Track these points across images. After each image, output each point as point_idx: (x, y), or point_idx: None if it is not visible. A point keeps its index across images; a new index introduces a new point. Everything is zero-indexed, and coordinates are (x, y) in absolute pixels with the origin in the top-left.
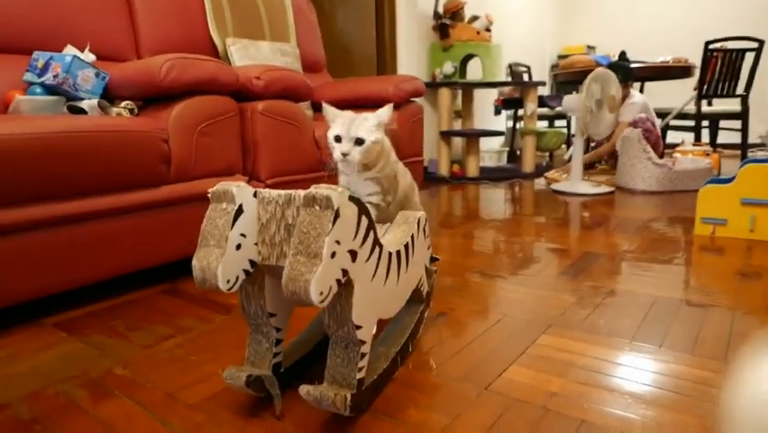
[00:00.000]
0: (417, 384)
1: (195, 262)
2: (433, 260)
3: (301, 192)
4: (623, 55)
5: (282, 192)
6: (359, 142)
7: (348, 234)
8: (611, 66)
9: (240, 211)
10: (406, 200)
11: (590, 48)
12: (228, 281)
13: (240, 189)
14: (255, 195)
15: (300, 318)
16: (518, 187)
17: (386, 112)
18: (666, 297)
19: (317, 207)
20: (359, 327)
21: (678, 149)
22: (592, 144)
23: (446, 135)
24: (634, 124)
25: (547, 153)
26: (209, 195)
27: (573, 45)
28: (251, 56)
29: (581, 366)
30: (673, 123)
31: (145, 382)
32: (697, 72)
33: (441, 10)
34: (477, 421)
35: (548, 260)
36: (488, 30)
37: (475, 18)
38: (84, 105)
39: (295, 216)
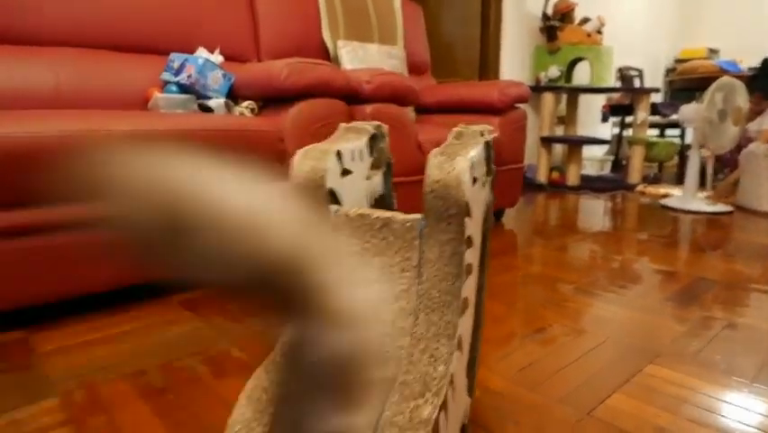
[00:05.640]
0: (516, 400)
1: None
2: None
3: None
4: (767, 63)
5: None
6: None
7: None
8: (755, 78)
9: None
10: None
11: (713, 52)
12: None
13: None
14: None
15: None
16: (622, 199)
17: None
18: None
19: None
20: None
21: None
22: (707, 154)
23: (547, 141)
24: None
25: (656, 165)
26: None
27: (693, 48)
28: (359, 58)
29: (694, 403)
30: None
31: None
32: None
33: (550, 12)
34: None
35: (652, 282)
36: (599, 32)
37: (586, 20)
38: (212, 104)
39: None
